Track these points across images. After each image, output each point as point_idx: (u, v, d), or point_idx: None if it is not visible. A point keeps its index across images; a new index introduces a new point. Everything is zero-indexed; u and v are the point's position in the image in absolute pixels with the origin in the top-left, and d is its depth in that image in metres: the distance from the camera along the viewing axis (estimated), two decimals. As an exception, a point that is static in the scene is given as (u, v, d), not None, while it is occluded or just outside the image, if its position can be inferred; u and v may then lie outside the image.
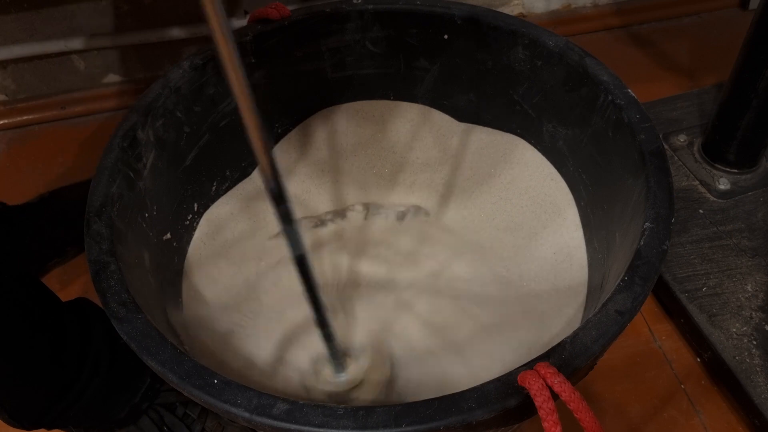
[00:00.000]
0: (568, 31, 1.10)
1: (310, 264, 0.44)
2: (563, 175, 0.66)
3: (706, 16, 1.13)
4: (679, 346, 0.72)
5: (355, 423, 0.37)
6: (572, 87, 0.60)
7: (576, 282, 0.61)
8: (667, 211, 0.47)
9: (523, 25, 0.62)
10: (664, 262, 0.44)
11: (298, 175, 0.71)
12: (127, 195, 0.52)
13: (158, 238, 0.57)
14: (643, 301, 0.42)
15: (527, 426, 0.63)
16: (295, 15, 0.64)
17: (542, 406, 0.36)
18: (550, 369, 0.37)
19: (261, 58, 0.65)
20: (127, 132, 0.54)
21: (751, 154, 0.79)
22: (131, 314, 0.43)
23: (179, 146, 0.61)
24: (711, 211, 0.77)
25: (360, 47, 0.69)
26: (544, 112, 0.64)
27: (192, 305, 0.59)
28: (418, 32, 0.66)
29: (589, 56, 0.58)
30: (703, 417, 0.67)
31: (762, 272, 0.71)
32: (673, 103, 0.89)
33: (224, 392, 0.39)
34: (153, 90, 0.57)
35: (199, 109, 0.62)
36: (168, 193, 0.59)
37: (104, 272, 0.45)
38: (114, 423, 0.60)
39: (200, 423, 0.63)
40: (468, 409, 0.37)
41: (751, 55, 0.71)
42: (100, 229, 0.48)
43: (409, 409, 0.37)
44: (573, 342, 0.40)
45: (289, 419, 0.37)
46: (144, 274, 0.52)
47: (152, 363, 0.41)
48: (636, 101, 0.54)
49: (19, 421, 0.53)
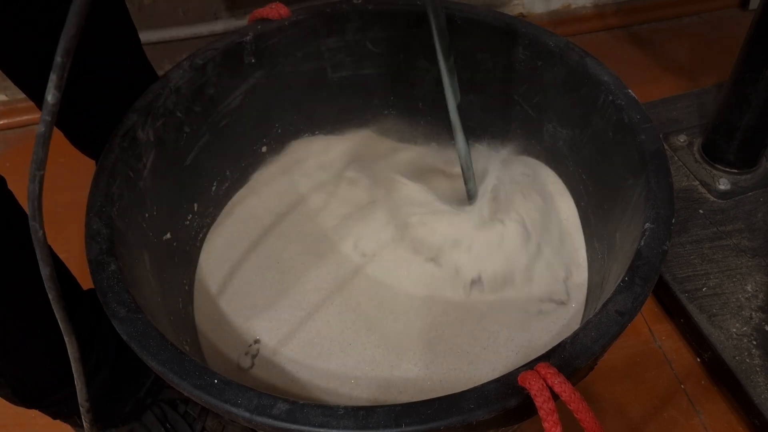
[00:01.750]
0: (568, 31, 1.10)
1: None
2: (563, 175, 0.66)
3: (706, 16, 1.13)
4: (679, 346, 0.72)
5: (355, 423, 0.37)
6: (572, 87, 0.60)
7: (576, 282, 0.61)
8: (668, 211, 0.47)
9: (524, 25, 0.62)
10: (664, 262, 0.44)
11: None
12: (127, 195, 0.52)
13: (158, 238, 0.57)
14: (643, 301, 0.42)
15: (527, 426, 0.63)
16: (294, 15, 0.64)
17: (542, 406, 0.36)
18: (551, 369, 0.37)
19: (261, 58, 0.65)
20: (127, 132, 0.54)
21: (751, 155, 0.79)
22: (132, 314, 0.43)
23: (179, 146, 0.61)
24: (711, 212, 0.77)
25: (360, 47, 0.69)
26: (544, 112, 0.64)
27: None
28: (418, 32, 0.66)
29: (590, 56, 0.58)
30: (703, 417, 0.67)
31: (762, 272, 0.71)
32: (673, 103, 0.89)
33: (225, 392, 0.39)
34: (153, 90, 0.57)
35: (199, 109, 0.62)
36: (168, 193, 0.59)
37: (104, 272, 0.45)
38: (118, 418, 0.61)
39: (201, 422, 0.63)
40: (468, 409, 0.37)
41: (751, 55, 0.71)
42: (101, 229, 0.48)
43: (410, 409, 0.37)
44: (573, 342, 0.40)
45: (290, 419, 0.37)
46: (144, 274, 0.53)
47: (153, 363, 0.41)
48: (636, 101, 0.54)
49: (21, 398, 0.53)
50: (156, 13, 0.97)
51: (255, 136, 0.71)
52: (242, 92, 0.65)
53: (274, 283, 0.64)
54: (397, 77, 0.72)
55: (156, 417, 0.62)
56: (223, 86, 0.63)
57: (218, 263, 0.65)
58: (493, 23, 0.63)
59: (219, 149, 0.66)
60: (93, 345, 0.56)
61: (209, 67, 0.61)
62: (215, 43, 0.62)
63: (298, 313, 0.61)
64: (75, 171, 0.93)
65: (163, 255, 0.58)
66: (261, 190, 0.72)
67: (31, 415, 0.67)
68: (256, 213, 0.70)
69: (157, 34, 0.98)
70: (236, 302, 0.62)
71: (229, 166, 0.68)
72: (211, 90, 0.62)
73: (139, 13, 0.95)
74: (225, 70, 0.62)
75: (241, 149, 0.70)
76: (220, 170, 0.67)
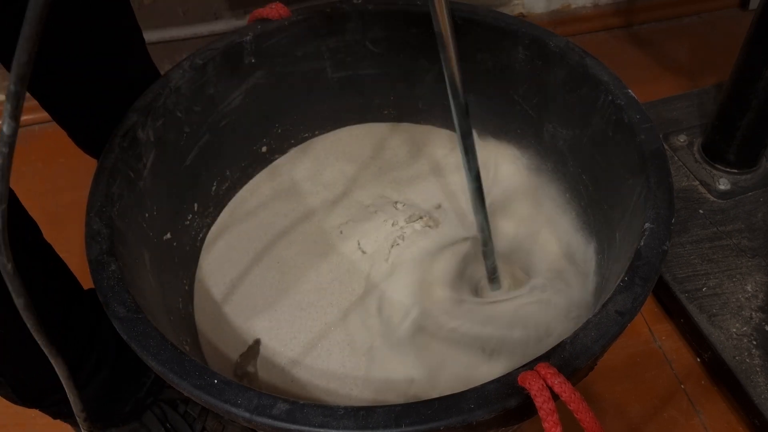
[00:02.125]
0: (568, 31, 1.10)
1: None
2: (563, 175, 0.66)
3: (706, 16, 1.13)
4: (679, 346, 0.72)
5: (355, 423, 0.37)
6: (572, 87, 0.60)
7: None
8: (668, 211, 0.47)
9: (524, 25, 0.62)
10: (664, 262, 0.44)
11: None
12: (127, 195, 0.52)
13: (158, 238, 0.58)
14: (643, 301, 0.42)
15: (527, 426, 0.63)
16: (294, 15, 0.64)
17: (542, 406, 0.36)
18: (551, 369, 0.37)
19: (261, 58, 0.65)
20: (127, 132, 0.54)
21: (751, 155, 0.79)
22: (132, 314, 0.43)
23: (179, 146, 0.61)
24: (711, 212, 0.77)
25: (360, 47, 0.69)
26: (544, 112, 0.64)
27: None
28: (418, 32, 0.66)
29: (590, 56, 0.58)
30: (703, 417, 0.67)
31: (762, 272, 0.71)
32: (673, 103, 0.89)
33: (224, 392, 0.39)
34: (153, 90, 0.57)
35: (199, 109, 0.62)
36: (168, 193, 0.59)
37: (104, 272, 0.45)
38: (118, 418, 0.61)
39: (201, 422, 0.63)
40: (468, 409, 0.37)
41: (751, 55, 0.71)
42: (101, 229, 0.48)
43: (410, 409, 0.37)
44: (573, 342, 0.40)
45: (289, 419, 0.37)
46: (145, 274, 0.53)
47: (153, 363, 0.41)
48: (636, 101, 0.54)
49: (21, 397, 0.53)
50: (156, 12, 0.97)
51: (255, 136, 0.70)
52: (242, 92, 0.65)
53: (274, 283, 0.64)
54: (397, 77, 0.72)
55: (156, 417, 0.62)
56: (223, 86, 0.63)
57: (218, 263, 0.65)
58: (493, 23, 0.63)
59: (219, 149, 0.66)
60: (93, 345, 0.56)
61: (209, 67, 0.61)
62: (215, 43, 0.62)
63: (298, 313, 0.61)
64: (75, 171, 0.94)
65: (163, 255, 0.58)
66: (261, 190, 0.72)
67: (31, 415, 0.67)
68: (256, 213, 0.70)
69: (157, 34, 0.98)
70: (236, 302, 0.62)
71: (229, 166, 0.68)
72: (211, 90, 0.62)
73: (139, 12, 0.94)
74: (225, 70, 0.62)
75: (241, 149, 0.70)
76: (220, 170, 0.67)
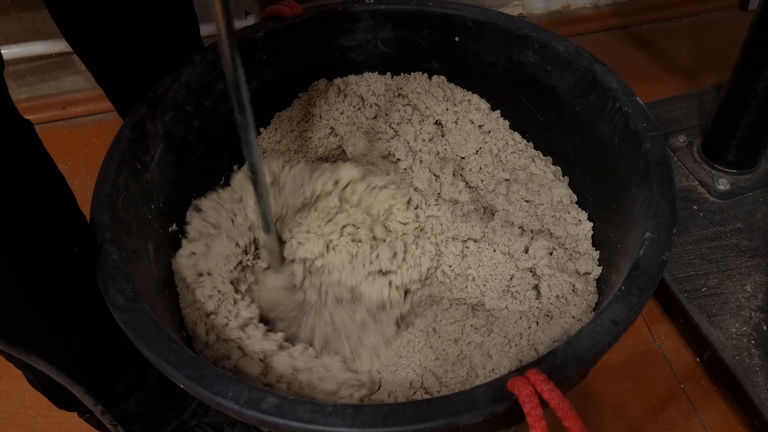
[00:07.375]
0: (568, 32, 1.09)
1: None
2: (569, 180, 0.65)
3: (706, 17, 1.12)
4: (679, 346, 0.72)
5: (342, 421, 0.37)
6: (581, 93, 0.59)
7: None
8: (669, 221, 0.46)
9: (534, 29, 0.61)
10: (663, 272, 0.44)
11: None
12: (133, 186, 0.53)
13: (164, 230, 0.58)
14: (639, 311, 0.42)
15: (520, 431, 0.63)
16: (307, 13, 0.65)
17: (530, 412, 0.36)
18: (540, 376, 0.37)
19: (272, 54, 0.65)
20: (136, 123, 0.55)
21: (751, 155, 0.78)
22: (130, 303, 0.44)
23: (188, 140, 0.61)
24: (710, 212, 0.76)
25: (371, 47, 0.69)
26: (552, 117, 0.64)
27: None
28: (429, 33, 0.66)
29: (599, 62, 0.58)
30: (702, 417, 0.67)
31: (761, 272, 0.70)
32: (672, 104, 0.88)
33: (216, 384, 0.39)
34: (163, 83, 0.58)
35: (209, 103, 0.62)
36: (175, 185, 0.60)
37: (106, 261, 0.46)
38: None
39: None
40: (456, 412, 0.37)
41: (750, 56, 0.70)
42: (105, 219, 0.48)
43: (397, 409, 0.37)
44: (565, 350, 0.40)
45: (278, 414, 0.38)
46: (147, 264, 0.53)
47: (147, 352, 0.41)
48: (644, 109, 0.54)
49: (55, 402, 0.54)
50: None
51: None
52: (252, 88, 0.66)
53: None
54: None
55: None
56: (233, 82, 0.64)
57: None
58: (504, 26, 0.62)
59: (228, 144, 0.66)
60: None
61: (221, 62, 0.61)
62: (227, 38, 0.63)
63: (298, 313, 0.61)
64: (76, 171, 0.94)
65: (167, 246, 0.59)
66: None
67: (31, 415, 0.68)
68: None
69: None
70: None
71: (238, 161, 0.69)
72: (221, 85, 0.63)
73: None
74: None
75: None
76: (228, 165, 0.68)
